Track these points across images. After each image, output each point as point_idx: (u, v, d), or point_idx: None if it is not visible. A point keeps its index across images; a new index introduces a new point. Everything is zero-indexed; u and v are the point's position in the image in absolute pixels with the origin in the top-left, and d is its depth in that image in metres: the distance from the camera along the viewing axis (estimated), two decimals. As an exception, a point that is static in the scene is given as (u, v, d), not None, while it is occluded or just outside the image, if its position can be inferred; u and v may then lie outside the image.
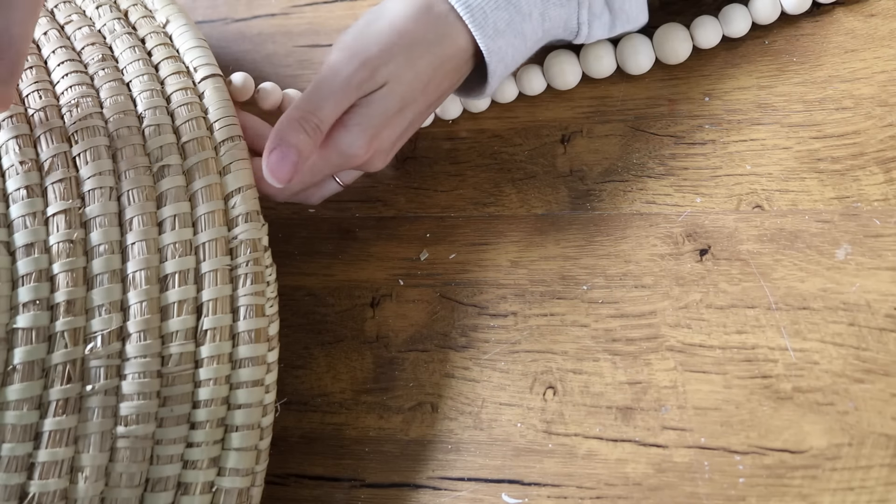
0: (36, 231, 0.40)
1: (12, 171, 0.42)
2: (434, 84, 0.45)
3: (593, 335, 0.46)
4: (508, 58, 0.46)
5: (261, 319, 0.42)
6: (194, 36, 0.47)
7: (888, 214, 0.44)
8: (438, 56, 0.45)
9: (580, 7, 0.47)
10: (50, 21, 0.48)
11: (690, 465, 0.42)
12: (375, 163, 0.47)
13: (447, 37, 0.45)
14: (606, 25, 0.48)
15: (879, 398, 0.41)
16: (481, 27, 0.44)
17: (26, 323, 0.39)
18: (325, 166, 0.45)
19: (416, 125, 0.48)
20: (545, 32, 0.47)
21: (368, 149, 0.44)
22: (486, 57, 0.45)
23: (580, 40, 0.49)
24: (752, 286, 0.44)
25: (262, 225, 0.43)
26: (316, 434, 0.48)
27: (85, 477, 0.39)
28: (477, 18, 0.44)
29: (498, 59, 0.46)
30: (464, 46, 0.45)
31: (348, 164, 0.45)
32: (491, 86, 0.47)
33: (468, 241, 0.50)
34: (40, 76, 0.45)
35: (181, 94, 0.45)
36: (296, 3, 0.60)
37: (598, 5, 0.47)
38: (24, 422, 0.39)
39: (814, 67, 0.48)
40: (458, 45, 0.45)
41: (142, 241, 0.41)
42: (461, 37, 0.45)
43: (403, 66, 0.44)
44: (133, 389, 0.40)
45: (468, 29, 0.45)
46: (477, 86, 0.49)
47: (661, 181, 0.48)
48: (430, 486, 0.45)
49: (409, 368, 0.48)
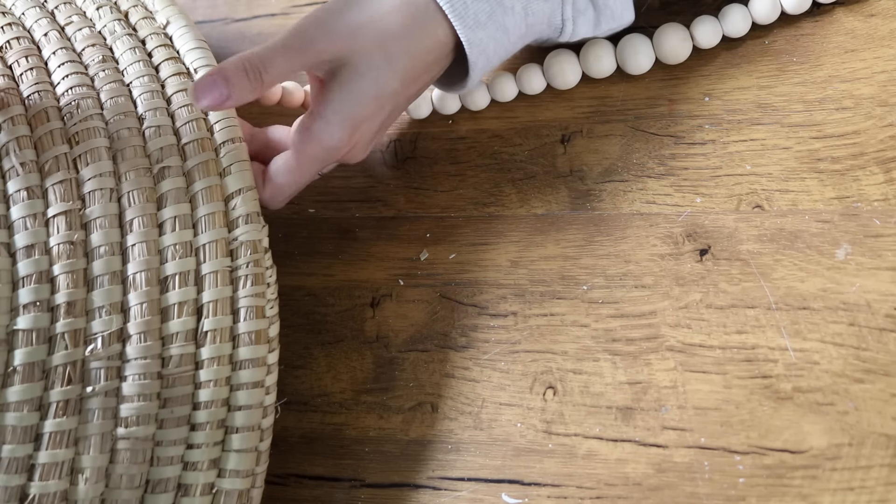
0: (36, 232, 0.41)
1: (13, 173, 0.42)
2: (413, 75, 0.45)
3: (593, 335, 0.46)
4: (490, 51, 0.46)
5: (261, 321, 0.42)
6: (195, 37, 0.47)
7: (888, 214, 0.44)
8: (416, 46, 0.44)
9: (564, 2, 0.47)
10: (50, 22, 0.48)
11: (690, 465, 0.42)
12: (356, 155, 0.47)
13: (426, 27, 0.44)
14: (591, 22, 0.48)
15: (879, 398, 0.41)
16: (461, 17, 0.44)
17: (27, 324, 0.39)
18: (310, 163, 0.45)
19: (395, 117, 0.47)
20: (529, 28, 0.47)
21: (350, 141, 0.44)
22: (466, 48, 0.45)
23: (565, 38, 0.49)
24: (752, 286, 0.44)
25: (262, 226, 0.43)
26: (316, 434, 0.48)
27: (85, 478, 0.39)
28: (457, 9, 0.44)
29: (479, 52, 0.45)
30: (443, 39, 0.45)
31: (331, 157, 0.45)
32: (472, 79, 0.47)
33: (468, 241, 0.50)
34: (41, 77, 0.45)
35: (182, 96, 0.45)
36: (296, 3, 0.60)
37: (582, 1, 0.47)
38: (25, 423, 0.39)
39: (814, 67, 0.48)
40: (438, 36, 0.45)
41: (142, 243, 0.41)
42: (440, 28, 0.44)
43: (375, 52, 0.43)
44: (133, 391, 0.40)
45: (448, 20, 0.44)
46: (458, 79, 0.49)
47: (661, 181, 0.48)
48: (430, 486, 0.45)
49: (409, 368, 0.48)
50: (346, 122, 0.44)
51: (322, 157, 0.45)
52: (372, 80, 0.44)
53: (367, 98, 0.44)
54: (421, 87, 0.47)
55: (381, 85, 0.44)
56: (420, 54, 0.44)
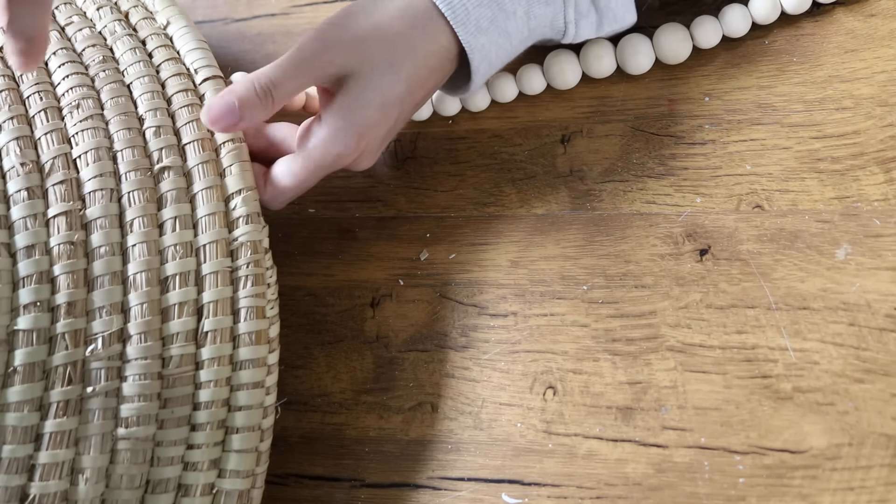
0: (37, 233, 0.41)
1: (13, 173, 0.42)
2: (418, 81, 0.45)
3: (593, 335, 0.46)
4: (492, 55, 0.46)
5: (261, 321, 0.42)
6: (195, 38, 0.47)
7: (888, 214, 0.44)
8: (420, 51, 0.44)
9: (566, 6, 0.47)
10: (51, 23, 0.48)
11: (690, 465, 0.42)
12: (363, 162, 0.47)
13: (428, 34, 0.44)
14: (594, 24, 0.48)
15: (879, 398, 0.41)
16: (463, 24, 0.44)
17: (27, 324, 0.39)
18: (315, 169, 0.45)
19: (401, 124, 0.48)
20: (531, 31, 0.47)
21: (357, 149, 0.44)
22: (468, 54, 0.45)
23: (568, 40, 0.49)
24: (752, 286, 0.44)
25: (262, 227, 0.43)
26: (316, 434, 0.48)
27: (85, 478, 0.39)
28: (458, 15, 0.44)
29: (481, 57, 0.46)
30: (446, 45, 0.45)
31: (338, 164, 0.45)
32: (475, 83, 0.47)
33: (468, 241, 0.50)
34: (41, 78, 0.45)
35: (182, 96, 0.45)
36: (296, 3, 0.60)
37: (585, 4, 0.47)
38: (25, 423, 0.39)
39: (814, 67, 0.48)
40: (440, 42, 0.45)
41: (143, 243, 0.41)
42: (443, 35, 0.45)
43: (380, 59, 0.44)
44: (134, 391, 0.40)
45: (450, 26, 0.45)
46: (462, 83, 0.49)
47: (661, 181, 0.48)
48: (430, 486, 0.45)
49: (409, 368, 0.48)
50: (352, 129, 0.44)
51: (327, 163, 0.45)
52: (377, 86, 0.44)
53: (373, 105, 0.44)
54: (426, 94, 0.47)
55: (387, 91, 0.44)
56: (424, 59, 0.45)
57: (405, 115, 0.47)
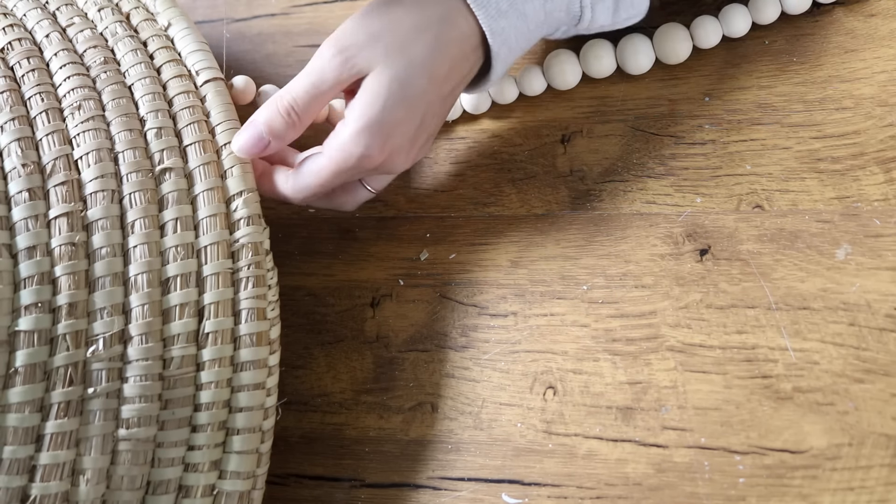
0: (38, 234, 0.41)
1: (14, 174, 0.42)
2: (440, 72, 0.44)
3: (593, 335, 0.46)
4: (512, 40, 0.45)
5: (262, 323, 0.42)
6: (196, 39, 0.47)
7: (888, 214, 0.44)
8: (439, 43, 0.43)
9: None
10: (52, 24, 0.48)
11: (690, 465, 0.42)
12: (396, 164, 0.45)
13: (447, 20, 0.43)
14: (610, 10, 0.47)
15: (879, 398, 0.41)
16: (484, 7, 0.43)
17: (28, 326, 0.39)
18: (339, 171, 0.44)
19: (434, 122, 0.46)
20: (547, 15, 0.46)
21: (382, 149, 0.43)
22: (489, 38, 0.44)
23: (583, 26, 0.48)
24: (752, 286, 0.44)
25: (263, 228, 0.43)
26: (316, 434, 0.48)
27: (86, 479, 0.39)
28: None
29: (501, 42, 0.44)
30: (466, 31, 0.44)
31: (363, 165, 0.44)
32: (496, 70, 0.46)
33: (468, 241, 0.50)
34: (42, 79, 0.45)
35: (183, 98, 0.45)
36: (296, 3, 0.60)
37: None
38: (26, 424, 0.39)
39: (814, 67, 0.48)
40: (461, 29, 0.44)
41: (144, 245, 0.41)
42: (463, 20, 0.44)
43: (396, 55, 0.43)
44: (135, 392, 0.40)
45: (470, 11, 0.44)
46: (480, 76, 0.48)
47: (661, 181, 0.48)
48: (430, 486, 0.45)
49: (409, 368, 0.48)
50: (372, 128, 0.43)
51: (351, 164, 0.44)
52: (396, 83, 0.43)
53: (392, 102, 0.43)
54: (453, 87, 0.45)
55: (407, 86, 0.43)
56: (444, 50, 0.43)
57: (434, 112, 0.45)
